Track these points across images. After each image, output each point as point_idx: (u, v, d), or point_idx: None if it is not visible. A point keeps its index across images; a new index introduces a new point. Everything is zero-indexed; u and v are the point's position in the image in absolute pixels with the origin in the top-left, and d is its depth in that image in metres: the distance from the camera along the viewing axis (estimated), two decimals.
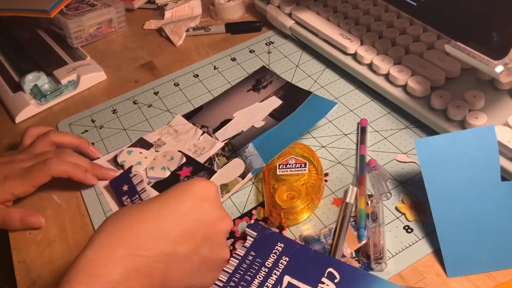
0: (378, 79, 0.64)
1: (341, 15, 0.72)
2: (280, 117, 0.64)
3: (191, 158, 0.62)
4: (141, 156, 0.63)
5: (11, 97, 0.77)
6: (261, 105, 0.68)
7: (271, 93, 0.69)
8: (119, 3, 0.89)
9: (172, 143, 0.65)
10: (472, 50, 0.48)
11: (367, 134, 0.60)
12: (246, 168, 0.59)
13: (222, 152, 0.62)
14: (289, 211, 0.52)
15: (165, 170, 0.61)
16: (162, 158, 0.62)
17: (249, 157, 0.60)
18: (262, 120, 0.65)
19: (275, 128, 0.63)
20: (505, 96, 0.56)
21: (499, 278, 0.45)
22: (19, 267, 0.55)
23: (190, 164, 0.61)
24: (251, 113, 0.67)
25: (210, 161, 0.61)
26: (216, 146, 0.63)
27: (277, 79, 0.72)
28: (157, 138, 0.66)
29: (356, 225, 0.51)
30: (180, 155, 0.62)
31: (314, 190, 0.53)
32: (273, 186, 0.55)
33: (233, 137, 0.64)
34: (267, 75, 0.73)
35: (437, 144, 0.47)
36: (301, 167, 0.55)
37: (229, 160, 0.60)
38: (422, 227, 0.50)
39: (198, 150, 0.63)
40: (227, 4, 0.88)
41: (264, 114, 0.66)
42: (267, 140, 0.61)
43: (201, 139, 0.65)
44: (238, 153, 0.61)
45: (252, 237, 0.51)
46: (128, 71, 0.81)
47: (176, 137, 0.66)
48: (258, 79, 0.73)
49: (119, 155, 0.64)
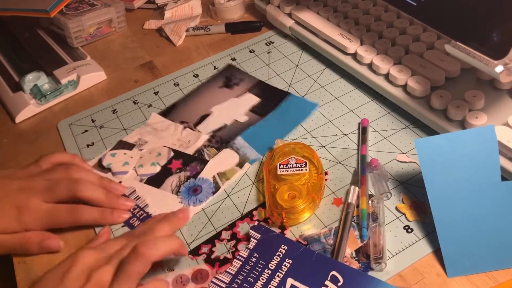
0: (378, 79, 0.64)
1: (341, 15, 0.72)
2: (262, 113, 0.67)
3: (179, 151, 0.63)
4: (126, 157, 0.64)
5: (11, 97, 0.77)
6: (237, 101, 0.70)
7: (246, 90, 0.71)
8: (119, 3, 0.89)
9: (154, 140, 0.66)
10: (472, 50, 0.48)
11: (368, 134, 0.60)
12: (241, 158, 0.61)
13: (209, 143, 0.64)
14: (290, 210, 0.52)
15: (155, 165, 0.62)
16: (148, 155, 0.63)
17: (241, 149, 0.62)
18: (244, 115, 0.67)
19: (261, 122, 0.65)
20: (505, 96, 0.56)
21: (499, 278, 0.45)
22: (19, 267, 0.55)
23: (179, 157, 0.63)
24: (229, 108, 0.69)
25: (199, 152, 0.63)
26: (202, 138, 0.65)
27: (249, 77, 0.73)
28: (137, 138, 0.67)
29: (357, 225, 0.51)
30: (167, 150, 0.64)
31: (315, 189, 0.53)
32: (273, 186, 0.55)
33: (217, 129, 0.66)
34: (237, 73, 0.75)
35: (437, 144, 0.47)
36: (302, 166, 0.55)
37: (219, 150, 0.63)
38: (422, 227, 0.50)
39: (184, 143, 0.64)
40: (227, 4, 0.88)
41: (245, 109, 0.68)
42: (256, 134, 0.64)
43: (183, 133, 0.66)
44: (228, 144, 0.63)
45: (256, 238, 0.51)
46: (128, 71, 0.81)
47: (156, 134, 0.67)
48: (228, 76, 0.75)
49: (103, 159, 0.64)
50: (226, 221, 0.55)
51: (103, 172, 0.63)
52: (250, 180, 0.59)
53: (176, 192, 0.59)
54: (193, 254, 0.52)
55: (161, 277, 0.50)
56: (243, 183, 0.59)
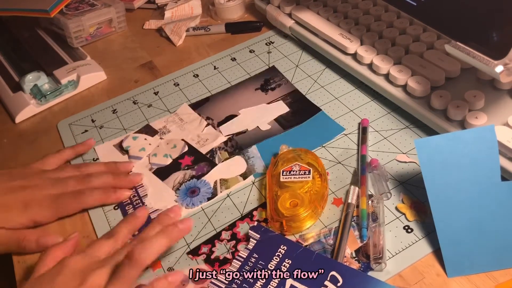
0: (378, 79, 0.64)
1: (341, 15, 0.72)
2: (286, 125, 0.64)
3: (194, 148, 0.64)
4: (145, 143, 0.65)
5: (11, 97, 0.77)
6: (267, 107, 0.68)
7: (279, 97, 0.69)
8: (119, 3, 0.89)
9: (177, 131, 0.67)
10: (472, 50, 0.48)
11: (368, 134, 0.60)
12: (248, 169, 0.60)
13: (224, 146, 0.63)
14: (291, 219, 0.51)
15: (167, 157, 0.63)
16: (165, 145, 0.65)
17: (251, 158, 0.61)
18: (268, 124, 0.65)
19: (281, 135, 0.63)
20: (505, 96, 0.56)
21: (499, 278, 0.45)
22: (19, 267, 0.55)
23: (192, 154, 0.63)
24: (256, 113, 0.67)
25: (212, 153, 0.63)
26: (219, 139, 0.64)
27: (286, 83, 0.71)
28: (162, 125, 0.68)
29: (356, 225, 0.51)
30: (182, 144, 0.65)
31: (318, 198, 0.52)
32: (276, 193, 0.54)
33: (237, 134, 0.65)
34: (277, 77, 0.73)
35: (437, 144, 0.47)
36: (305, 174, 0.54)
37: (231, 155, 0.62)
38: (422, 227, 0.50)
39: (201, 140, 0.64)
40: (227, 4, 0.88)
41: (271, 117, 0.66)
42: (272, 146, 0.62)
43: (205, 130, 0.66)
44: (241, 151, 0.62)
45: (255, 239, 0.51)
46: (128, 71, 0.81)
47: (181, 125, 0.68)
48: (267, 79, 0.73)
49: (124, 140, 0.66)
50: (226, 221, 0.55)
51: (121, 153, 0.65)
52: (250, 180, 0.59)
53: (176, 190, 0.59)
54: (192, 254, 0.52)
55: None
56: (243, 183, 0.58)
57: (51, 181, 0.57)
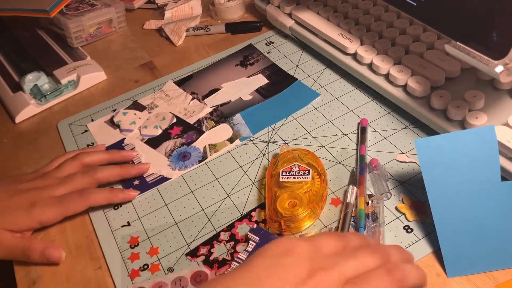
0: (378, 79, 0.64)
1: (341, 15, 0.72)
2: (266, 95, 0.70)
3: (181, 119, 0.69)
4: (135, 117, 0.69)
5: (11, 97, 0.77)
6: (248, 80, 0.73)
7: (258, 71, 0.74)
8: (119, 3, 0.89)
9: (164, 106, 0.72)
10: (472, 50, 0.48)
11: (367, 134, 0.60)
12: (234, 134, 0.65)
13: (210, 116, 0.68)
14: (290, 219, 0.51)
15: (157, 128, 0.67)
16: (154, 118, 0.69)
17: (236, 125, 0.66)
18: (249, 94, 0.71)
19: (262, 104, 0.69)
20: (505, 96, 0.56)
21: (499, 278, 0.45)
22: (19, 267, 0.55)
23: (180, 124, 0.68)
24: (238, 86, 0.73)
25: (199, 123, 0.67)
26: (204, 110, 0.69)
27: (264, 58, 0.76)
28: (150, 101, 0.73)
29: (355, 225, 0.51)
30: (171, 116, 0.69)
31: (317, 198, 0.52)
32: (275, 193, 0.54)
33: (221, 104, 0.70)
34: (254, 53, 0.78)
35: (437, 144, 0.47)
36: (305, 174, 0.54)
37: (217, 124, 0.67)
38: (422, 227, 0.50)
39: (188, 113, 0.69)
40: (227, 4, 0.88)
41: (251, 89, 0.71)
42: (254, 113, 0.67)
43: (191, 103, 0.71)
44: (227, 119, 0.67)
45: (255, 241, 0.51)
46: (128, 71, 0.81)
47: (168, 101, 0.72)
48: (246, 55, 0.78)
49: (115, 115, 0.70)
50: (226, 221, 0.55)
51: (113, 127, 0.69)
52: (250, 180, 0.59)
53: (168, 156, 0.64)
54: (191, 256, 0.52)
55: (160, 278, 0.50)
56: (243, 183, 0.59)
57: (57, 181, 0.57)
